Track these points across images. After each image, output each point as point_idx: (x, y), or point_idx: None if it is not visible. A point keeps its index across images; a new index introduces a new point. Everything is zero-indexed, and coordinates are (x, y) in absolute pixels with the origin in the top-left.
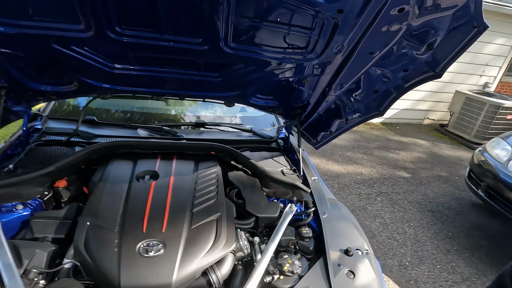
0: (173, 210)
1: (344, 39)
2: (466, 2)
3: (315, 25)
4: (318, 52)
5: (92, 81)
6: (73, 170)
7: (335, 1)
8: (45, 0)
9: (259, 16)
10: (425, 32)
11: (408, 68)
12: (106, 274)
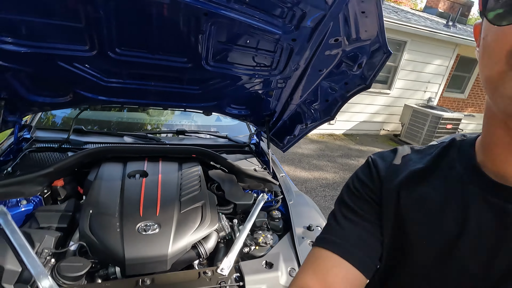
0: (164, 199)
1: (299, 60)
2: (376, 38)
3: (277, 49)
4: (280, 69)
5: (87, 93)
6: (69, 172)
7: (290, 32)
8: (57, 25)
9: (233, 41)
10: (355, 55)
11: (348, 82)
12: (112, 250)
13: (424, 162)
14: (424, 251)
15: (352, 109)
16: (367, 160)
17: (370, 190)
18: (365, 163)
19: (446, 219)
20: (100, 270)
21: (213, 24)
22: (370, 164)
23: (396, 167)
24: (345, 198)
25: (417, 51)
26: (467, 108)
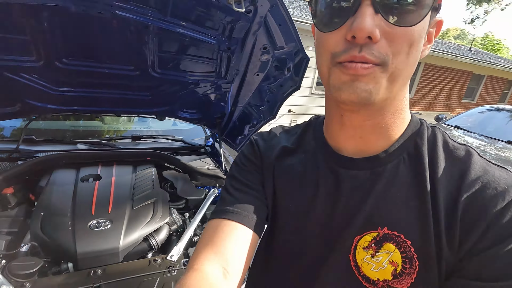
0: (116, 199)
1: (237, 66)
2: (295, 45)
3: (217, 56)
4: (223, 75)
5: (36, 102)
6: (19, 180)
7: (224, 42)
8: (1, 38)
9: (176, 51)
10: (283, 60)
11: (282, 84)
12: (64, 247)
13: (292, 140)
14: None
15: (312, 111)
16: (250, 140)
17: (254, 164)
18: (249, 142)
19: (305, 185)
20: (52, 267)
21: (154, 35)
22: (253, 143)
23: (271, 144)
24: (234, 173)
25: None
26: (414, 107)
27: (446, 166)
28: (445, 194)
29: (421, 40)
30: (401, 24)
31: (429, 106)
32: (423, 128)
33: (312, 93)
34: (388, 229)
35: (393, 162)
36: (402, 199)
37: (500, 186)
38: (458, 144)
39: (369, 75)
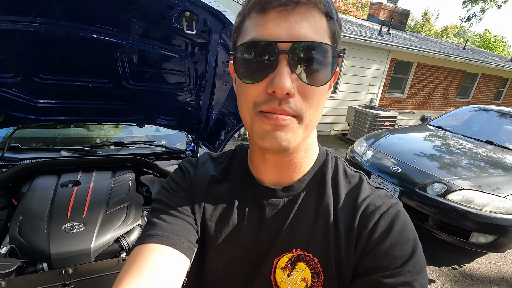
0: (92, 203)
1: (205, 77)
2: None
3: (186, 69)
4: (193, 85)
5: (18, 113)
6: (2, 186)
7: (189, 57)
8: None
9: (146, 65)
10: None
11: None
12: (39, 248)
13: (219, 169)
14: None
15: None
16: (179, 166)
17: (184, 190)
18: (178, 168)
19: (232, 214)
20: (29, 267)
21: (123, 52)
22: (183, 169)
23: (201, 172)
24: (163, 198)
25: (356, 58)
26: (408, 106)
27: (346, 190)
28: (344, 215)
29: (326, 92)
30: (313, 84)
31: (423, 105)
32: (328, 159)
33: None
34: (301, 250)
35: (305, 190)
36: (310, 222)
37: (377, 204)
38: (353, 172)
39: (288, 126)
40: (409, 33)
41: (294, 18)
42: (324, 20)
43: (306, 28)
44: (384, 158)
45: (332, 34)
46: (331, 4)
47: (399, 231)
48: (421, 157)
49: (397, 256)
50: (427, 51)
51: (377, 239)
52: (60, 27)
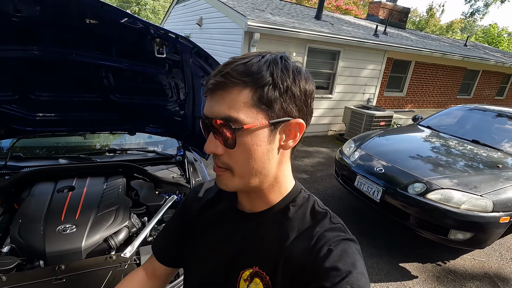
0: (84, 206)
1: (185, 89)
2: None
3: (167, 83)
4: (175, 97)
5: (18, 126)
6: (4, 192)
7: (166, 73)
8: None
9: (130, 80)
10: None
11: None
12: (36, 248)
13: (213, 195)
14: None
15: None
16: (192, 189)
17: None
18: (192, 190)
19: (217, 232)
20: (27, 264)
21: (107, 71)
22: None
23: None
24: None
25: (351, 59)
26: (407, 105)
27: (308, 225)
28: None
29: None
30: (227, 147)
31: (423, 103)
32: (299, 196)
33: None
34: (258, 268)
35: (271, 219)
36: (269, 246)
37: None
38: (321, 210)
39: (223, 175)
40: (409, 31)
41: (215, 99)
42: (246, 91)
43: (221, 106)
44: (370, 159)
45: (258, 100)
46: (259, 74)
47: (338, 255)
48: (405, 157)
49: (334, 275)
50: (424, 50)
51: (320, 263)
52: (49, 52)
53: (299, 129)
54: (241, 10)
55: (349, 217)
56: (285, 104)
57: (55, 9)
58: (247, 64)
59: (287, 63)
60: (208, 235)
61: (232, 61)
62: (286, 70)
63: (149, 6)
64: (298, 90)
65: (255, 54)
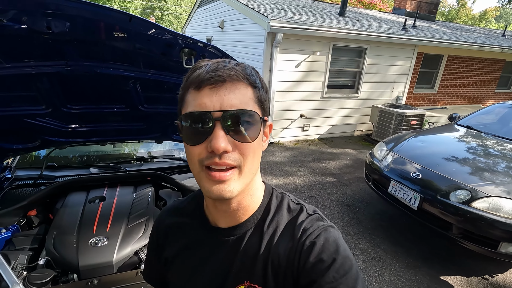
0: (115, 218)
1: None
2: None
3: None
4: None
5: (52, 137)
6: (41, 203)
7: None
8: (18, 96)
9: (157, 91)
10: None
11: None
12: (69, 261)
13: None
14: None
15: (323, 115)
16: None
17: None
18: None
19: (196, 257)
20: (62, 277)
21: (134, 82)
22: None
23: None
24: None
25: (378, 55)
26: (439, 102)
27: (288, 221)
28: (284, 242)
29: (260, 144)
30: (243, 141)
31: (457, 99)
32: (273, 198)
33: (323, 96)
34: (250, 282)
35: (251, 228)
36: (255, 256)
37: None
38: (295, 205)
39: (230, 179)
40: (439, 23)
41: (223, 92)
42: (249, 89)
43: (233, 99)
44: (405, 163)
45: (257, 99)
46: (254, 76)
47: (320, 246)
48: (445, 161)
49: (320, 267)
50: (458, 43)
51: (305, 258)
52: (79, 66)
53: (270, 130)
54: (263, 11)
55: (379, 223)
56: (267, 105)
57: (84, 25)
58: (239, 65)
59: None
60: (185, 263)
61: (216, 62)
62: (261, 77)
63: (171, 11)
64: (269, 94)
65: (223, 59)
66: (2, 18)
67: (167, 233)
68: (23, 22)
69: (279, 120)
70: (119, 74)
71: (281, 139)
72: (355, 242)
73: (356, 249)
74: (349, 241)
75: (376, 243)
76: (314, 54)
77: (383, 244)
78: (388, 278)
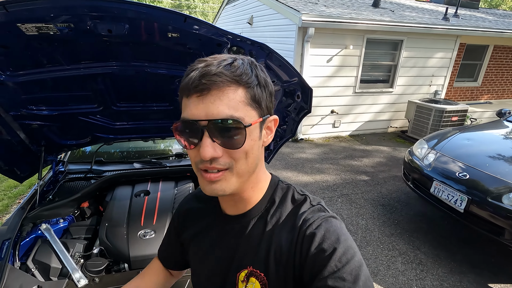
0: (160, 211)
1: None
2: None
3: None
4: None
5: (101, 134)
6: (92, 196)
7: None
8: (74, 95)
9: None
10: (293, 90)
11: (297, 107)
12: (121, 251)
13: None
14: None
15: (355, 110)
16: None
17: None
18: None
19: (206, 241)
20: (114, 266)
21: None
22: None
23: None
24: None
25: (416, 47)
26: (482, 96)
27: (290, 211)
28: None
29: (255, 144)
30: (231, 148)
31: (503, 93)
32: (278, 188)
33: (356, 91)
34: (252, 267)
35: (256, 216)
36: (257, 243)
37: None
38: (300, 196)
39: (221, 178)
40: (483, 11)
41: (209, 100)
42: (239, 91)
43: (219, 106)
44: (449, 162)
45: (251, 99)
46: (247, 75)
47: (321, 236)
48: (495, 160)
49: (321, 257)
50: (506, 32)
51: (306, 248)
52: (130, 67)
53: (274, 124)
54: (294, 5)
55: (418, 225)
56: (267, 102)
57: (141, 26)
58: (232, 65)
59: (259, 65)
60: (199, 245)
61: (210, 63)
62: (262, 71)
63: (199, 9)
64: (271, 88)
65: (221, 57)
66: (70, 23)
67: (185, 218)
68: (88, 26)
69: (309, 117)
70: (166, 74)
71: (311, 136)
72: (392, 243)
73: (394, 251)
74: (386, 242)
75: (416, 245)
76: (346, 48)
77: (423, 247)
78: (430, 283)
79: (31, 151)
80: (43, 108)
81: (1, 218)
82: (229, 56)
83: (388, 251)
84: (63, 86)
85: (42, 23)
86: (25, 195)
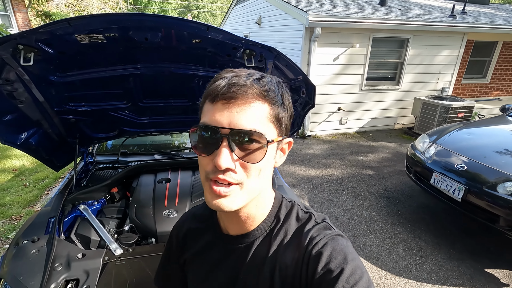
0: (180, 195)
1: None
2: (301, 76)
3: None
4: None
5: (127, 128)
6: (120, 182)
7: None
8: (108, 93)
9: None
10: (298, 86)
11: (302, 103)
12: (149, 228)
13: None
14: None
15: (362, 108)
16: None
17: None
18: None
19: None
20: (143, 241)
21: (200, 79)
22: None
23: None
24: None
25: (422, 45)
26: (491, 93)
27: (296, 230)
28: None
29: (269, 163)
30: (248, 162)
31: None
32: (282, 206)
33: (362, 89)
34: None
35: (260, 237)
36: (262, 264)
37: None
38: (304, 214)
39: (230, 195)
40: (494, 7)
41: (235, 109)
42: (265, 107)
43: (243, 118)
44: (449, 155)
45: (274, 117)
46: (275, 92)
47: (328, 256)
48: (493, 153)
49: (329, 278)
50: None
51: (312, 269)
52: (157, 68)
53: (288, 146)
54: (301, 6)
55: (420, 216)
56: (287, 123)
57: (172, 34)
58: (261, 80)
59: (285, 86)
60: (200, 266)
61: (239, 74)
62: (287, 92)
63: (207, 9)
64: (292, 111)
65: (249, 71)
66: (115, 33)
67: (185, 239)
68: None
69: (316, 114)
70: (188, 73)
71: (318, 132)
72: (394, 232)
73: (396, 239)
74: (389, 231)
75: (417, 234)
76: (353, 47)
77: (424, 235)
78: (429, 267)
79: (67, 142)
80: (82, 104)
81: (33, 207)
82: (258, 71)
83: (390, 239)
84: (101, 85)
85: (94, 33)
86: (52, 187)
